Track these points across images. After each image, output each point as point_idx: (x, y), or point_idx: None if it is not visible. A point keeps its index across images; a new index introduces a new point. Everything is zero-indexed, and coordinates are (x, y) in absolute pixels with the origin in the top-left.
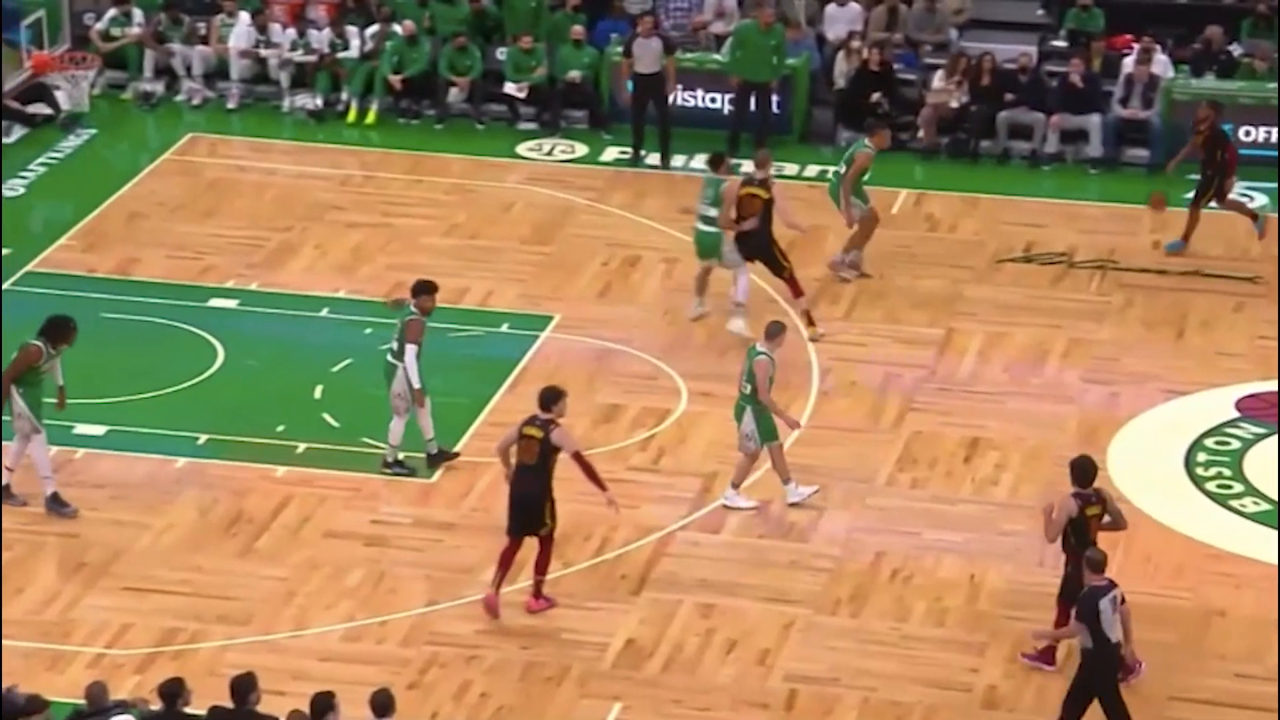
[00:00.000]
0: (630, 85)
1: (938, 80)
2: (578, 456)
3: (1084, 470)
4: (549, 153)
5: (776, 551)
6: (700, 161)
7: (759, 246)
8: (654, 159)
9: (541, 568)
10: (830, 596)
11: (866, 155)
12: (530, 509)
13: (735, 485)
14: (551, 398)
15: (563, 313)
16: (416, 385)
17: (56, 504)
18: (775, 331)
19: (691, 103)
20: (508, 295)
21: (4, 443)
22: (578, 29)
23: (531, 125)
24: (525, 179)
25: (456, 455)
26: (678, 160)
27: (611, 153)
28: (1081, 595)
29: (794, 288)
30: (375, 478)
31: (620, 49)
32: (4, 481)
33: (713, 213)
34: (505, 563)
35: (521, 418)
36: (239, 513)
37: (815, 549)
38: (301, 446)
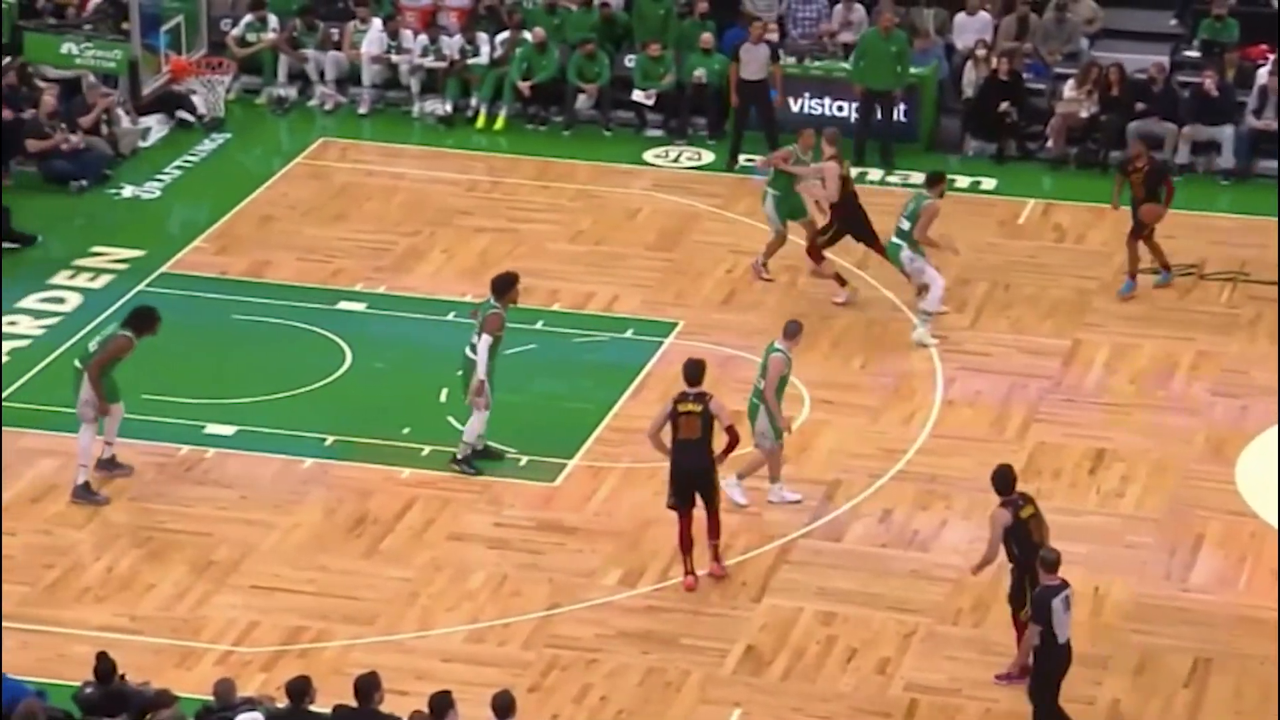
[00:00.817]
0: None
1: (1068, 90)
2: (730, 430)
3: (1004, 478)
4: (675, 159)
5: (898, 560)
6: None
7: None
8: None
9: (715, 533)
10: (952, 606)
11: (934, 206)
12: (702, 481)
13: (774, 480)
14: (698, 371)
15: (686, 319)
16: (482, 376)
17: (86, 493)
18: (794, 331)
19: (819, 110)
20: (632, 301)
21: (97, 434)
22: (706, 37)
23: (658, 132)
24: (651, 185)
25: (479, 474)
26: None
27: (739, 159)
28: (1035, 593)
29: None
30: (499, 480)
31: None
32: (105, 455)
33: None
34: (686, 543)
35: (663, 403)
36: (364, 514)
37: (937, 558)
38: (426, 449)
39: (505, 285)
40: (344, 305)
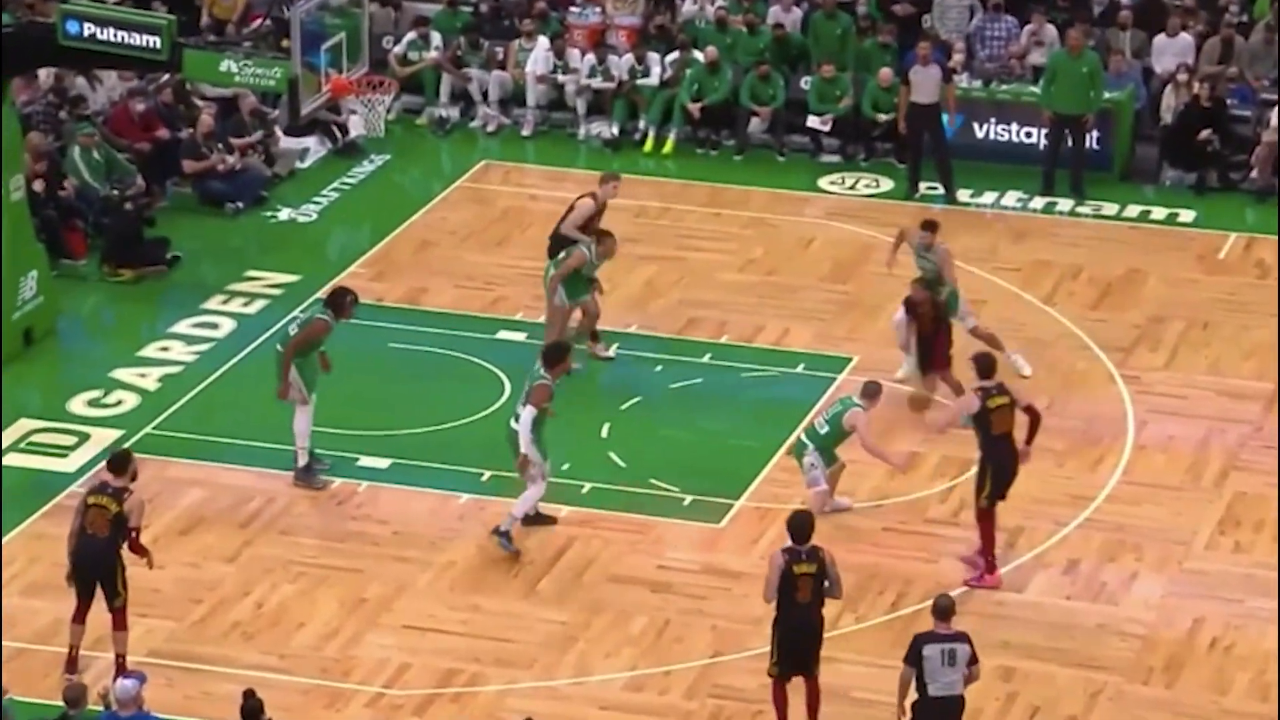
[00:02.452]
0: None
1: (1275, 117)
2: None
3: (800, 526)
4: (852, 187)
5: (1085, 614)
6: (1011, 199)
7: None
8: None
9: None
10: (1142, 664)
11: (861, 417)
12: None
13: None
14: (875, 389)
15: (862, 355)
16: (525, 450)
17: (307, 474)
18: (874, 391)
19: (1005, 137)
20: (804, 335)
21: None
22: (885, 73)
23: (834, 158)
24: (826, 213)
25: (517, 552)
26: (988, 197)
27: (920, 187)
28: (913, 637)
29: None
30: (662, 521)
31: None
32: (299, 463)
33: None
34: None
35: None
36: (521, 553)
37: (1127, 613)
38: (587, 486)
39: (558, 355)
40: (504, 335)
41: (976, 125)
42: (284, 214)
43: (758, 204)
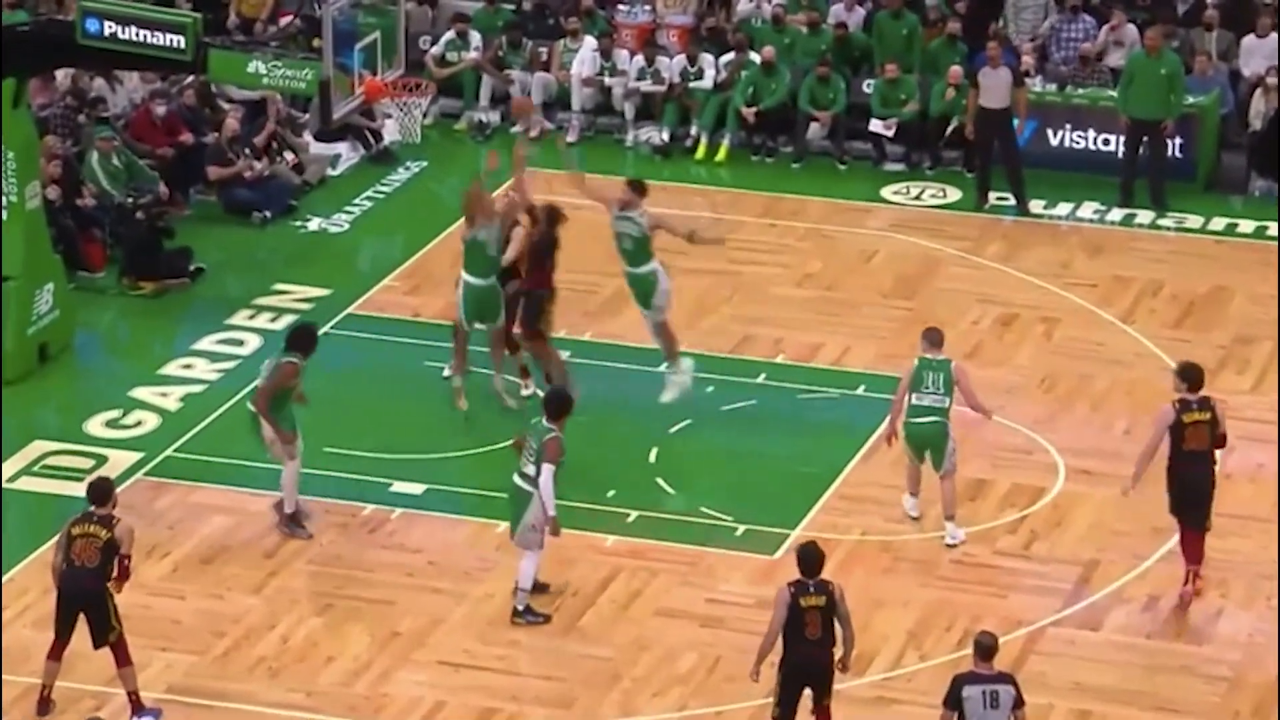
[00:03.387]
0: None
1: None
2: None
3: (810, 558)
4: (917, 197)
5: (1166, 654)
6: (1088, 210)
7: None
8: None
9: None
10: (1228, 709)
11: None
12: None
13: (951, 518)
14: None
15: None
16: (553, 513)
17: (291, 524)
18: (939, 338)
19: (1081, 144)
20: (866, 354)
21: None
22: (955, 70)
23: (899, 166)
24: (889, 225)
25: (547, 619)
26: (1062, 208)
27: (989, 197)
28: (953, 677)
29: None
30: (713, 551)
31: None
32: (287, 510)
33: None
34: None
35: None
36: (563, 584)
37: (1212, 653)
38: (633, 514)
39: (563, 406)
40: None
41: (1050, 132)
42: (314, 224)
43: (816, 215)
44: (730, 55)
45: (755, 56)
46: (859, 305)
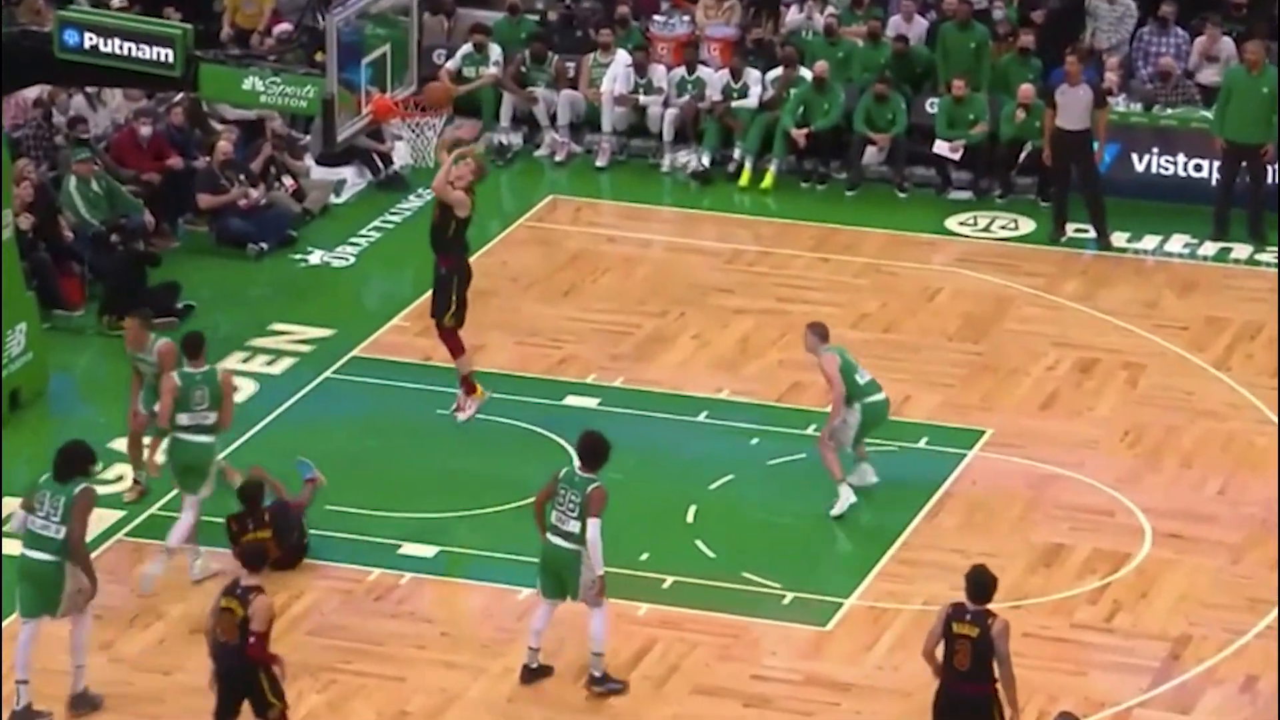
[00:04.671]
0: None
1: None
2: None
3: (978, 584)
4: (986, 228)
5: None
6: (1177, 244)
7: None
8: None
9: None
10: None
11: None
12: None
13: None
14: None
15: (996, 427)
16: (600, 571)
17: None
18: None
19: (1170, 170)
20: (928, 403)
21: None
22: (1026, 89)
23: (965, 194)
24: (955, 260)
25: (624, 687)
26: (1149, 241)
27: (1067, 229)
28: None
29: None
30: (759, 622)
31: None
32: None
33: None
34: None
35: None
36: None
37: None
38: (669, 580)
39: (602, 453)
40: (572, 400)
41: (1136, 156)
42: (315, 257)
43: (873, 248)
44: (778, 71)
45: (806, 72)
46: (921, 349)
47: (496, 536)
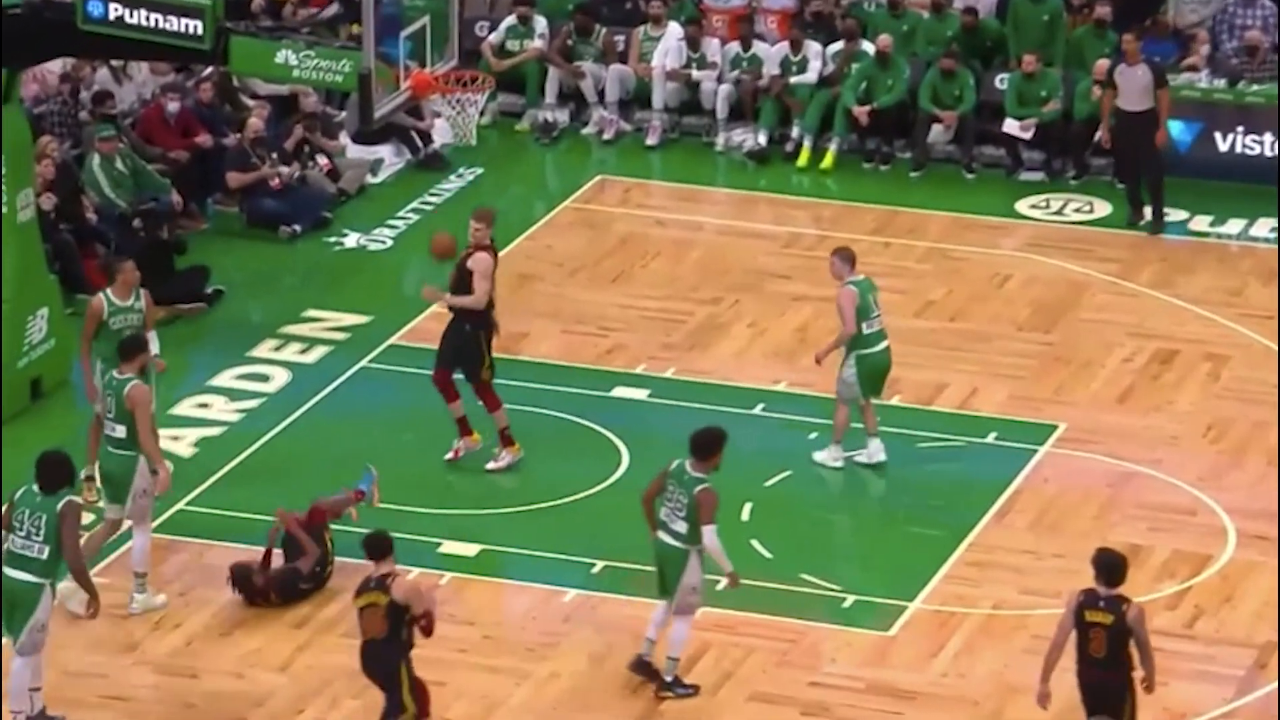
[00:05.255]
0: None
1: None
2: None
3: (1108, 567)
4: (1059, 211)
5: None
6: (1263, 228)
7: None
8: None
9: None
10: None
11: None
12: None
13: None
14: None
15: (1069, 421)
16: (730, 568)
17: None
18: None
19: (1255, 150)
20: (997, 396)
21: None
22: (1101, 65)
23: (1037, 175)
24: (1026, 244)
25: (696, 690)
26: (1232, 226)
27: (1144, 212)
28: None
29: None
30: (818, 626)
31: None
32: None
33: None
34: None
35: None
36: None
37: None
38: (723, 581)
39: (714, 445)
40: (621, 392)
41: (1219, 135)
42: (351, 240)
43: (939, 232)
44: (839, 45)
45: (868, 46)
46: (989, 339)
47: (541, 535)
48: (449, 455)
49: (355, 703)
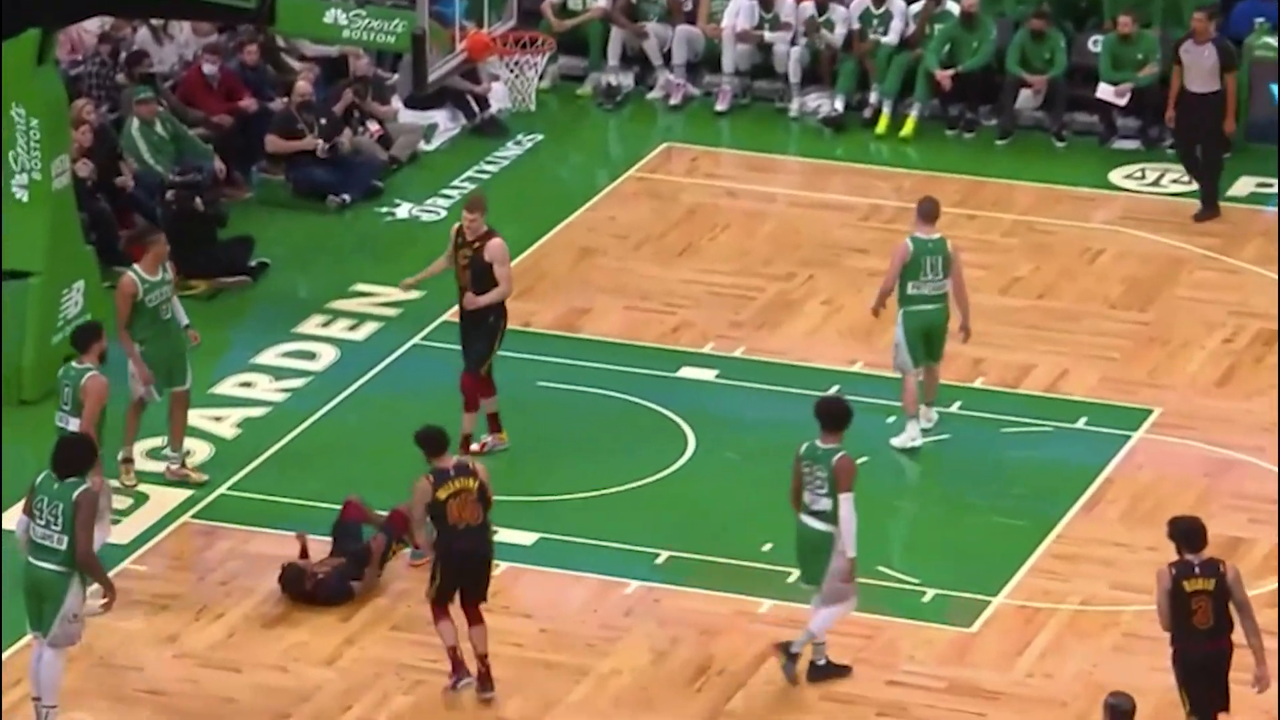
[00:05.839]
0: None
1: None
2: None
3: (1188, 533)
4: (1155, 182)
5: None
6: None
7: None
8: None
9: None
10: None
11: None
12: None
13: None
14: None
15: (1166, 406)
16: (852, 554)
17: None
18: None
19: None
20: (1088, 378)
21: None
22: (1198, 19)
23: (1132, 143)
24: (1119, 217)
25: (847, 670)
26: None
27: (1245, 185)
28: None
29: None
30: (895, 622)
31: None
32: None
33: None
34: None
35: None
36: (708, 660)
37: None
38: (794, 574)
39: (842, 418)
40: (687, 372)
41: None
42: (403, 210)
43: (1027, 203)
44: (920, 4)
45: (953, 6)
46: (1080, 318)
47: (603, 523)
48: (474, 447)
49: (406, 699)
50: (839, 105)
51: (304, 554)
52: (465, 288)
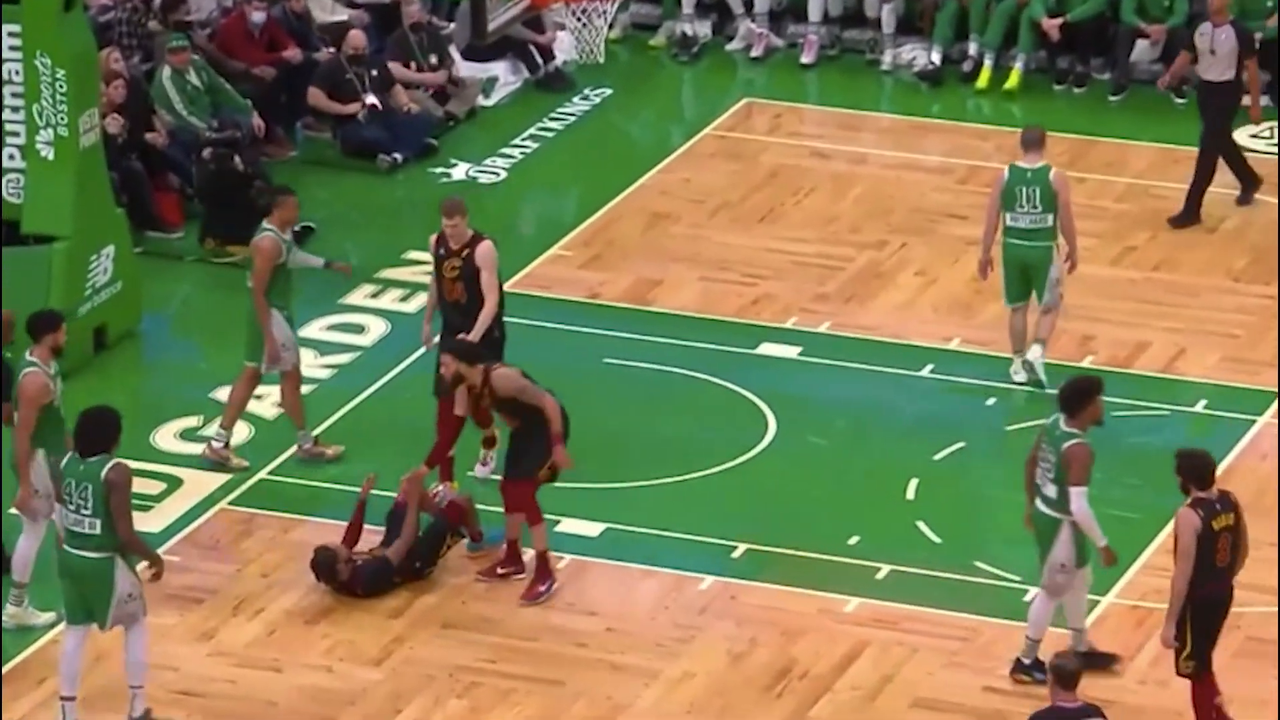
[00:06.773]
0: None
1: None
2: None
3: (1203, 468)
4: None
5: None
6: None
7: None
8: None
9: None
10: None
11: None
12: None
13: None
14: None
15: None
16: (1102, 543)
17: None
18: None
19: None
20: (1208, 358)
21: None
22: None
23: (1261, 99)
24: None
25: (1115, 659)
26: None
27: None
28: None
29: None
30: (993, 622)
31: None
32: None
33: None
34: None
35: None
36: (788, 662)
37: None
38: (884, 569)
39: (1083, 396)
40: (768, 349)
41: None
42: (459, 171)
43: (1142, 166)
44: None
45: None
46: (1199, 292)
47: (675, 513)
48: (479, 466)
49: (460, 703)
50: (936, 57)
51: (359, 517)
52: (456, 302)
